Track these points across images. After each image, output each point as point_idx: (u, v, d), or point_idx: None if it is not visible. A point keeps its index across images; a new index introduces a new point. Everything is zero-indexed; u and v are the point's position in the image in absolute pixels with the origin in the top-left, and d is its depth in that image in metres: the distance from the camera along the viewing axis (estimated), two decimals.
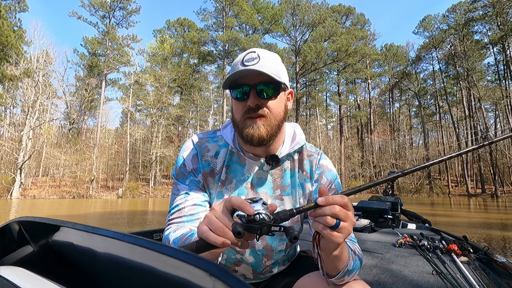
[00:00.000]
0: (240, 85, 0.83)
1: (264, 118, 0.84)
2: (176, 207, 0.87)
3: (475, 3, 32.45)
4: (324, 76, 43.38)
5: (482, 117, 33.90)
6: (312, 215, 0.62)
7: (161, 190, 31.67)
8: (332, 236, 0.60)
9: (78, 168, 30.53)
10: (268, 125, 0.84)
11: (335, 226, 0.60)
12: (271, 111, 0.84)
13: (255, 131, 0.83)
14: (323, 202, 0.60)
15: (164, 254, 0.31)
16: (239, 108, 0.85)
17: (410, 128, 45.25)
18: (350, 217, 0.61)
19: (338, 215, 0.59)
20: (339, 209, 0.59)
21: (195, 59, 40.27)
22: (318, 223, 0.61)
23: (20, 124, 29.16)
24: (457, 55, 33.69)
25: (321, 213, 0.60)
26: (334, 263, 0.71)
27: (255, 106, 0.82)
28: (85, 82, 38.58)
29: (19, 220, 0.48)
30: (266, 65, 0.81)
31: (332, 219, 0.59)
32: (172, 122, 37.73)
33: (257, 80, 0.82)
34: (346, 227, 0.61)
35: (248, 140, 0.84)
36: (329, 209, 0.59)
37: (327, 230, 0.60)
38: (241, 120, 0.85)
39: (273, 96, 0.84)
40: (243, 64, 0.81)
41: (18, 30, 27.89)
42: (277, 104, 0.85)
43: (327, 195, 0.61)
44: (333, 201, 0.60)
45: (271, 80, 0.81)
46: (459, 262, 1.62)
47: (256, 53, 0.82)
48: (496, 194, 28.78)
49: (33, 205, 16.80)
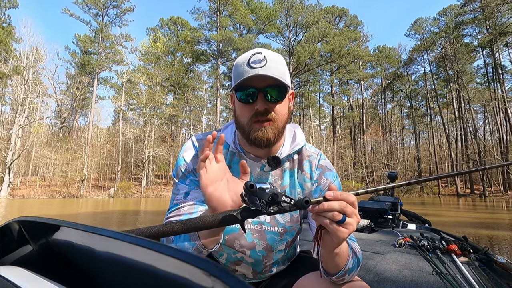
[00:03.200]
0: (246, 87, 0.82)
1: (271, 122, 0.83)
2: (175, 206, 0.87)
3: (465, 7, 32.99)
4: (317, 77, 43.62)
5: (471, 119, 34.55)
6: (318, 210, 0.62)
7: (153, 190, 31.33)
8: (338, 231, 0.61)
9: (69, 167, 30.01)
10: (276, 129, 0.84)
11: (341, 221, 0.60)
12: (278, 114, 0.84)
13: (264, 135, 0.83)
14: (331, 197, 0.61)
15: (164, 254, 0.30)
16: (245, 111, 0.84)
17: (401, 129, 45.77)
18: (356, 214, 0.62)
19: (345, 210, 0.60)
20: (346, 204, 0.61)
21: (188, 58, 40.02)
22: (323, 218, 0.62)
23: (9, 122, 28.50)
24: (448, 57, 34.24)
25: (328, 207, 0.60)
26: (335, 260, 0.72)
27: (264, 110, 0.82)
28: (76, 80, 38.00)
29: (19, 220, 0.48)
30: (273, 67, 0.80)
31: (339, 214, 0.60)
32: (165, 121, 37.41)
33: (264, 83, 0.81)
34: (352, 223, 0.62)
35: (256, 143, 0.84)
36: (337, 203, 0.60)
37: (333, 224, 0.61)
38: (248, 124, 0.84)
39: (280, 100, 0.84)
40: (249, 66, 0.80)
41: (7, 27, 27.38)
42: (283, 107, 0.85)
43: (336, 191, 0.62)
44: (341, 197, 0.61)
45: (278, 84, 0.81)
46: (459, 262, 1.63)
47: (262, 54, 0.81)
48: (484, 194, 29.33)
49: (22, 205, 16.44)
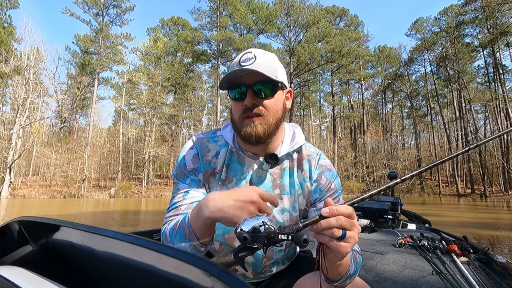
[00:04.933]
0: (237, 85, 0.84)
1: (261, 117, 0.84)
2: (174, 205, 0.87)
3: (466, 7, 32.95)
4: (317, 77, 43.62)
5: (472, 119, 34.50)
6: (317, 229, 0.60)
7: (154, 190, 31.36)
8: (340, 247, 0.60)
9: (70, 167, 30.06)
10: (265, 124, 0.85)
11: (342, 236, 0.59)
12: (268, 109, 0.85)
13: (252, 130, 0.83)
14: (327, 213, 0.59)
15: (164, 254, 0.30)
16: (237, 108, 0.86)
17: (402, 129, 45.72)
18: (355, 226, 0.61)
19: (343, 225, 0.59)
20: (344, 219, 0.59)
21: (189, 58, 40.04)
22: (324, 236, 0.61)
23: (9, 122, 28.55)
24: (448, 57, 34.20)
25: (326, 225, 0.59)
26: (338, 269, 0.72)
27: (252, 106, 0.83)
28: (77, 80, 38.04)
29: (19, 220, 0.48)
30: (262, 64, 0.82)
31: (338, 230, 0.59)
32: (166, 121, 37.45)
33: (253, 79, 0.82)
34: (353, 236, 0.61)
35: (246, 139, 0.85)
36: (335, 220, 0.59)
37: (333, 241, 0.60)
38: (239, 120, 0.86)
39: (270, 95, 0.85)
40: (239, 65, 0.82)
41: (8, 27, 27.40)
42: (274, 103, 0.86)
43: (332, 205, 0.61)
44: (338, 212, 0.59)
45: (268, 79, 0.82)
46: (459, 262, 1.63)
47: (252, 53, 0.83)
48: (485, 194, 29.31)
49: (23, 204, 16.47)
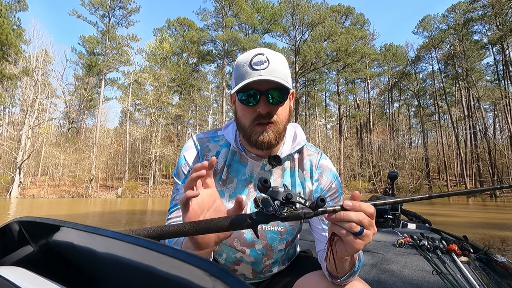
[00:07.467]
0: (247, 88, 0.80)
1: (273, 124, 0.83)
2: (176, 206, 0.87)
3: (474, 3, 32.40)
4: (323, 76, 43.37)
5: (481, 117, 33.92)
6: (335, 219, 0.60)
7: (160, 190, 31.60)
8: (355, 243, 0.59)
9: (77, 167, 30.43)
10: (277, 131, 0.84)
11: (359, 233, 0.58)
12: (279, 117, 0.84)
13: (265, 138, 0.82)
14: (349, 207, 0.58)
15: (164, 254, 0.30)
16: (247, 113, 0.83)
17: (409, 128, 45.24)
18: (373, 226, 0.60)
19: (362, 222, 0.58)
20: (364, 216, 0.58)
21: (194, 58, 40.26)
22: (341, 228, 0.60)
23: (19, 123, 29.00)
24: (456, 55, 33.69)
25: (346, 217, 0.58)
26: (344, 265, 0.72)
27: (266, 114, 0.81)
28: (84, 81, 38.51)
29: (19, 220, 0.48)
30: (276, 70, 0.79)
31: (356, 226, 0.58)
32: (172, 121, 37.74)
33: (268, 86, 0.79)
34: (369, 235, 0.60)
35: (256, 146, 0.84)
36: (356, 215, 0.58)
37: (350, 236, 0.59)
38: (250, 126, 0.83)
39: (282, 102, 0.83)
40: (251, 67, 0.79)
41: (17, 29, 27.90)
42: (284, 109, 0.85)
43: (356, 201, 0.60)
44: (360, 208, 0.58)
45: (281, 86, 0.80)
46: (459, 262, 1.62)
47: (265, 55, 0.80)
48: (494, 193, 28.81)
49: (32, 204, 16.75)
